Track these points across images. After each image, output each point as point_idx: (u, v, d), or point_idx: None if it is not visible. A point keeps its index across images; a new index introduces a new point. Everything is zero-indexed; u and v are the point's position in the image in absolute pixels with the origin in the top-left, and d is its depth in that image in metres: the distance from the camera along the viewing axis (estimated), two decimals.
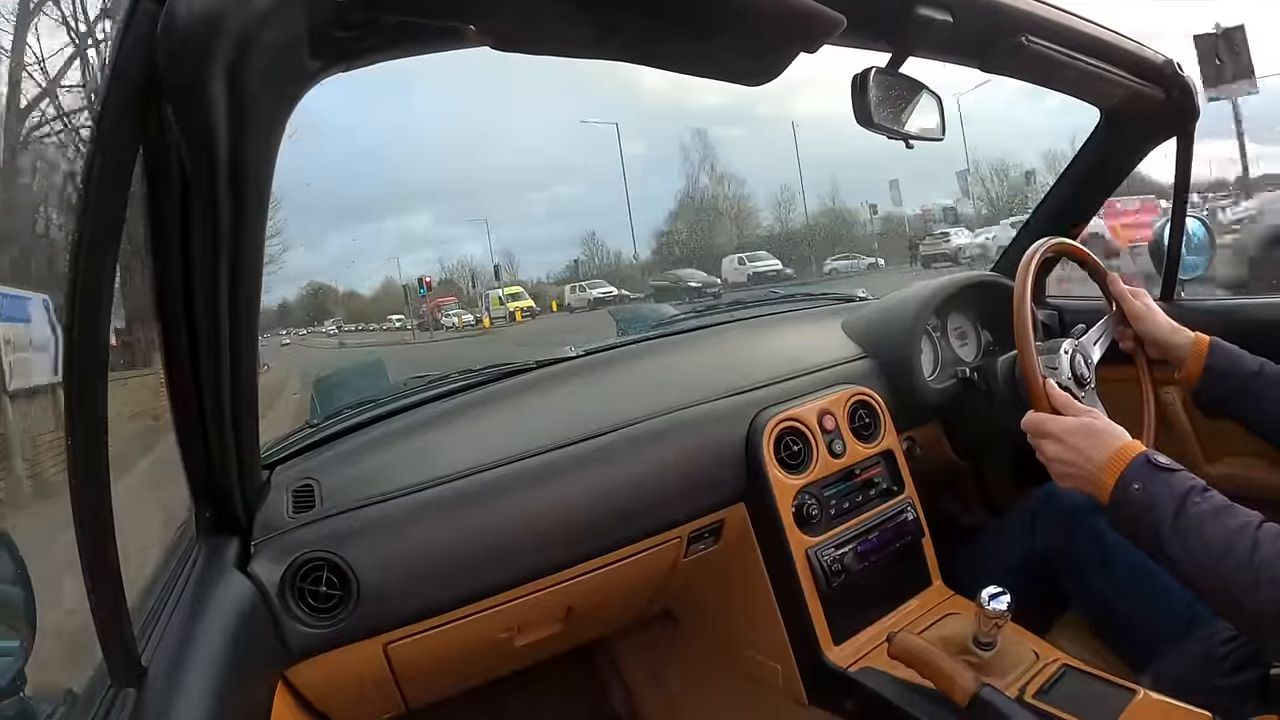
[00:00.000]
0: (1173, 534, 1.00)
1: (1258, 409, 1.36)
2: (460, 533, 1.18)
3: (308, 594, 1.06)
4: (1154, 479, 1.04)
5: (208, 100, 0.56)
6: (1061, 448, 1.15)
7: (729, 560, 1.48)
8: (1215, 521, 0.99)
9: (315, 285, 34.78)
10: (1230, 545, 0.96)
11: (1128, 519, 1.06)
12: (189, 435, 0.92)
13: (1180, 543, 0.99)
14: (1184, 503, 1.01)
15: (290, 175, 13.31)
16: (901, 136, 1.13)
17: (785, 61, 0.82)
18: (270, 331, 32.33)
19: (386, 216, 48.17)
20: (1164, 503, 1.02)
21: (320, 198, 32.18)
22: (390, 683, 1.24)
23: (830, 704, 1.36)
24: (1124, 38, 1.35)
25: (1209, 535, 0.98)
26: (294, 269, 31.20)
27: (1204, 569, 0.98)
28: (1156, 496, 1.03)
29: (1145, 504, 1.03)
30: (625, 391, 1.54)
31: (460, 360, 2.52)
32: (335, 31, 0.63)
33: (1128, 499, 1.05)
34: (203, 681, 0.78)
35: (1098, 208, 1.87)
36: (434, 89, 41.89)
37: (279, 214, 17.48)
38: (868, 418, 1.55)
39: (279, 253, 23.58)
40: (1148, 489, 1.04)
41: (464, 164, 43.73)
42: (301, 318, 34.15)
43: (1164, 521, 1.01)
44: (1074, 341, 1.48)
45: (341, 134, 34.46)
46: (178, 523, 1.13)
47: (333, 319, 34.81)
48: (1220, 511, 1.01)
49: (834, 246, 27.03)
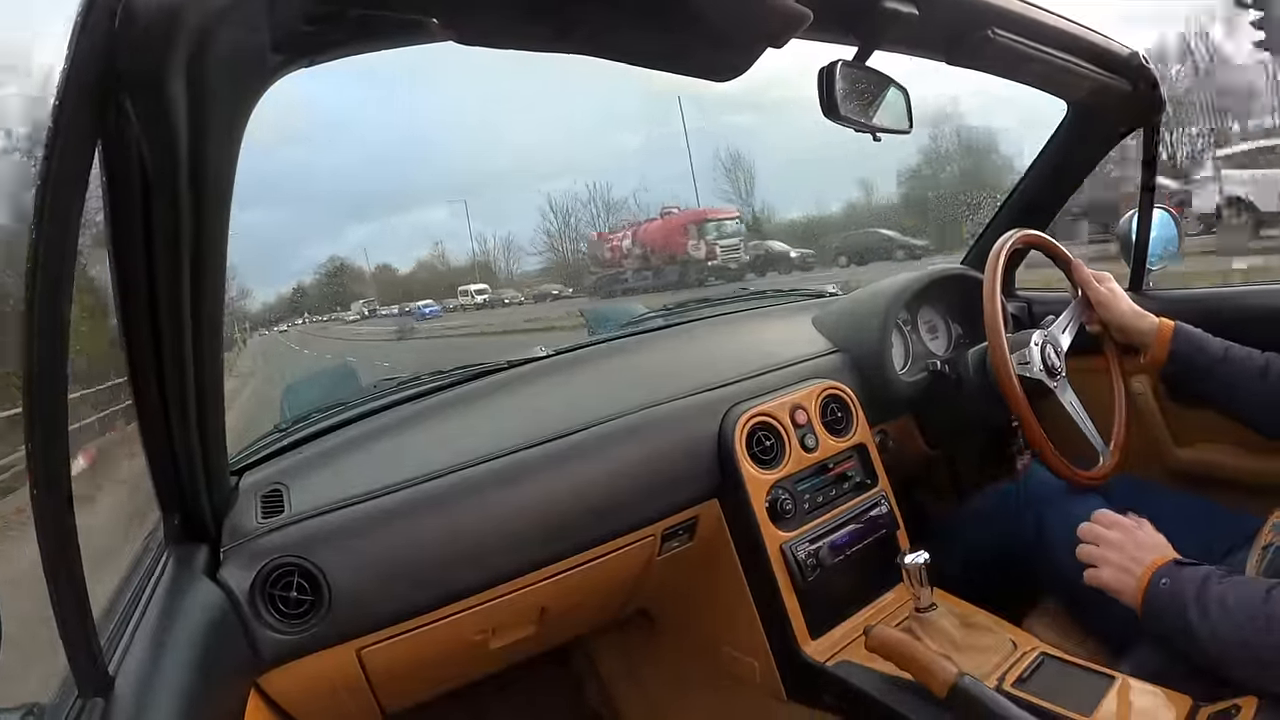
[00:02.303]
0: (1197, 610, 1.04)
1: (1224, 391, 1.38)
2: (432, 535, 1.17)
3: (278, 600, 1.05)
4: (1179, 573, 1.11)
5: (167, 93, 0.55)
6: (1119, 552, 1.19)
7: (703, 557, 1.48)
8: (1235, 591, 1.04)
9: (338, 263, 33.90)
10: (1251, 605, 1.01)
11: (1156, 611, 1.11)
12: (155, 441, 0.91)
13: (1202, 617, 1.04)
14: (1205, 583, 1.07)
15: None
16: (868, 129, 1.13)
17: (752, 57, 0.82)
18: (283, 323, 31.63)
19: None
20: (1187, 588, 1.07)
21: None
22: (365, 688, 1.22)
23: (809, 698, 1.36)
24: (1090, 31, 1.36)
25: (1231, 604, 1.03)
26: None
27: (1229, 632, 1.02)
28: (1182, 583, 1.09)
29: (1171, 593, 1.09)
30: (596, 390, 1.54)
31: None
32: (298, 26, 0.62)
33: (1157, 592, 1.11)
34: (172, 690, 0.77)
35: (1065, 200, 1.89)
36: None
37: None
38: (839, 412, 1.55)
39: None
40: (1174, 580, 1.10)
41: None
42: (320, 304, 33.34)
43: (1189, 602, 1.06)
44: (1043, 332, 1.50)
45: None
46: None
47: (364, 300, 33.70)
48: (1241, 583, 1.06)
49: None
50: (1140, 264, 1.76)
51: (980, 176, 17.45)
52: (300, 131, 47.24)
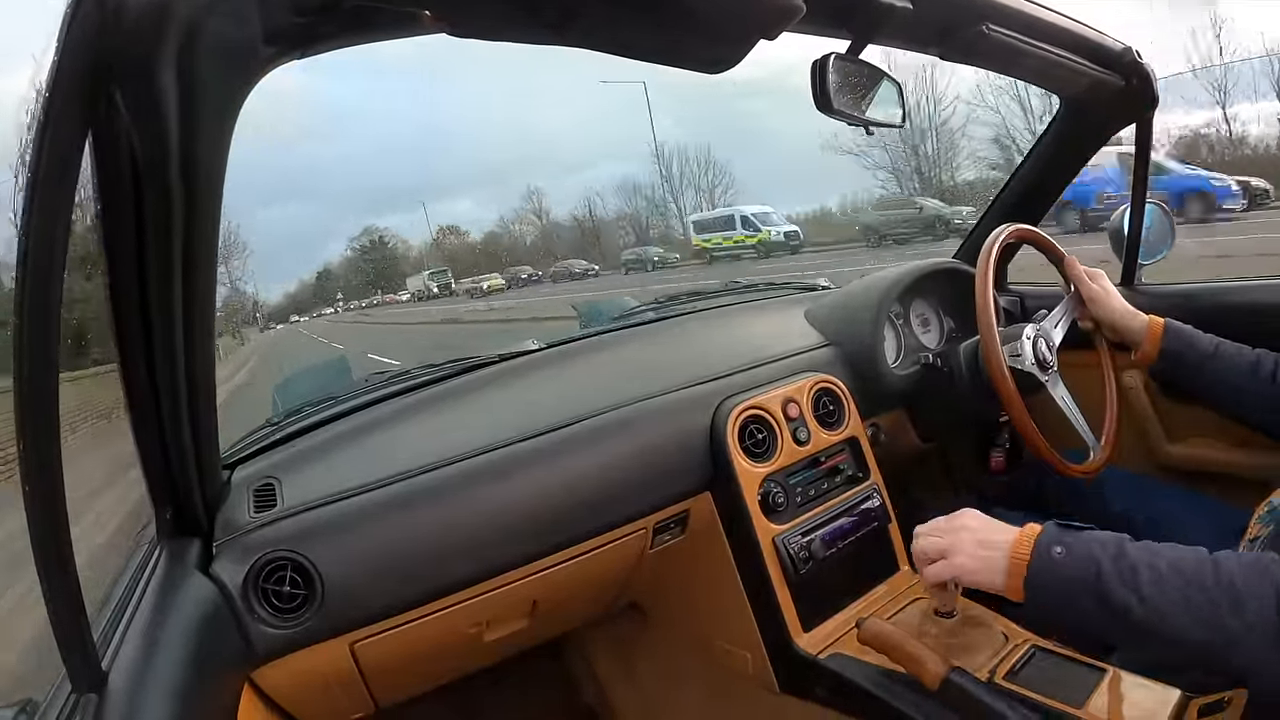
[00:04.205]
0: (1117, 578, 0.91)
1: (1214, 388, 1.39)
2: (424, 528, 1.17)
3: (271, 594, 1.05)
4: (1075, 536, 0.97)
5: (158, 85, 0.55)
6: (953, 539, 1.08)
7: (696, 550, 1.48)
8: (1163, 554, 0.92)
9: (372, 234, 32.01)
10: (1192, 571, 0.89)
11: (1057, 588, 0.96)
12: (146, 435, 0.91)
13: (1131, 585, 0.90)
14: (1120, 546, 0.94)
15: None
16: (861, 123, 1.14)
17: (745, 49, 0.82)
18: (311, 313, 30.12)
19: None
20: (1097, 552, 0.94)
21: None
22: (358, 682, 1.22)
23: (801, 691, 1.37)
24: (1084, 26, 1.37)
25: (1162, 567, 0.90)
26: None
27: (1170, 603, 0.88)
28: (1088, 547, 0.95)
29: (1078, 561, 0.94)
30: (588, 383, 1.54)
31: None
32: (289, 18, 0.62)
33: (1051, 565, 0.96)
34: (166, 685, 0.77)
35: (1058, 194, 1.89)
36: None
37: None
38: (832, 405, 1.56)
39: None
40: (1072, 548, 0.95)
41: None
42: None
43: (1104, 569, 0.92)
44: (1035, 326, 1.50)
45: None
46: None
47: (431, 270, 31.35)
48: (1163, 546, 0.94)
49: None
50: (1132, 259, 1.77)
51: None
52: (317, 128, 47.59)
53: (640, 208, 32.44)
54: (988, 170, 24.18)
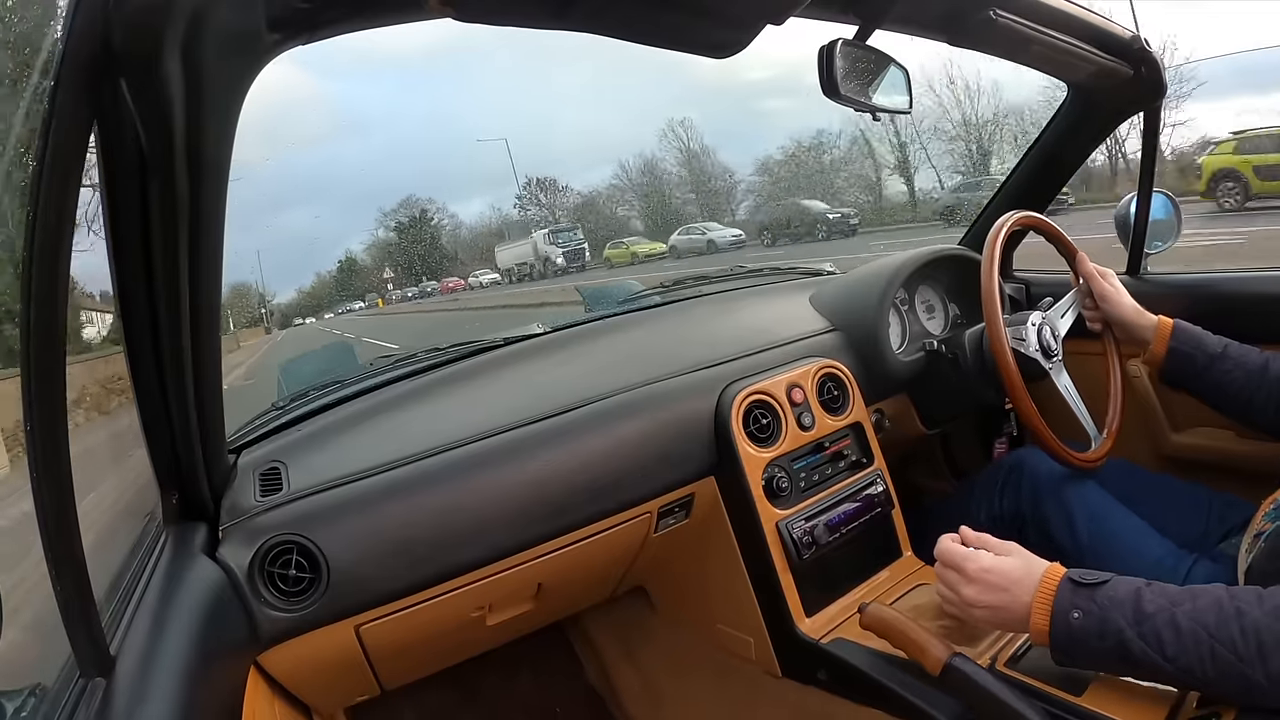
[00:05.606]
0: (1139, 643, 0.91)
1: (1220, 390, 1.37)
2: (430, 511, 1.17)
3: (277, 578, 1.05)
4: (1090, 599, 0.96)
5: (163, 73, 0.55)
6: (978, 589, 1.06)
7: (699, 534, 1.48)
8: (1181, 610, 0.91)
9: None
10: (1214, 625, 0.89)
11: (1083, 652, 0.97)
12: (153, 420, 0.91)
13: (1155, 649, 0.90)
14: (1138, 605, 0.93)
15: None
16: (868, 109, 1.13)
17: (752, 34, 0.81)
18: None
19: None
20: (1115, 617, 0.93)
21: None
22: (363, 665, 1.23)
23: (803, 676, 1.37)
24: (1092, 13, 1.36)
25: (1183, 624, 0.90)
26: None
27: (1197, 660, 0.88)
28: (1106, 612, 0.94)
29: (1098, 626, 0.94)
30: (593, 367, 1.54)
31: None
32: (293, 4, 0.62)
33: (1070, 632, 0.96)
34: (173, 669, 0.78)
35: (1064, 183, 1.88)
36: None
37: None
38: (836, 390, 1.56)
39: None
40: (1089, 612, 0.95)
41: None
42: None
43: (1126, 635, 0.92)
44: (1041, 314, 1.50)
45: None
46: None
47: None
48: (1179, 597, 0.93)
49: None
50: (1138, 248, 1.76)
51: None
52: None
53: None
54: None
